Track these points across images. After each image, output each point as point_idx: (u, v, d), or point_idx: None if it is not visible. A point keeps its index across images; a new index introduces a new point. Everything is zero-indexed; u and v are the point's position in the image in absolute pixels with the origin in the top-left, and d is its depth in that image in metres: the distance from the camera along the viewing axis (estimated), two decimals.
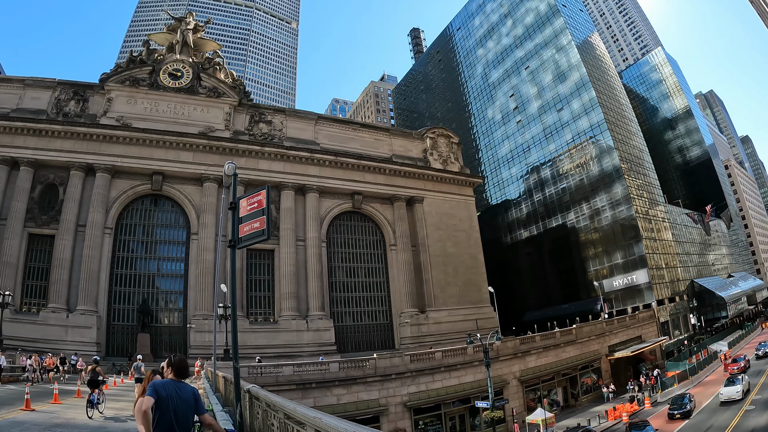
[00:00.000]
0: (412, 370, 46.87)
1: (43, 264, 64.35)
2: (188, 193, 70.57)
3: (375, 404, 44.11)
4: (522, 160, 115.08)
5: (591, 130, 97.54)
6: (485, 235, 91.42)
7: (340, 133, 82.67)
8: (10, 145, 65.11)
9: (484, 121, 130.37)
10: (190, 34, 79.18)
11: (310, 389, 42.53)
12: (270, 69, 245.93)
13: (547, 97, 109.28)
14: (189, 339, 63.43)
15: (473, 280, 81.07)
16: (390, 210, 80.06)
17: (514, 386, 52.84)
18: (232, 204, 13.01)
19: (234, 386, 12.88)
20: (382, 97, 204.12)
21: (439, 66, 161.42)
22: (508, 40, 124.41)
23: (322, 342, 67.50)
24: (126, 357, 60.01)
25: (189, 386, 7.79)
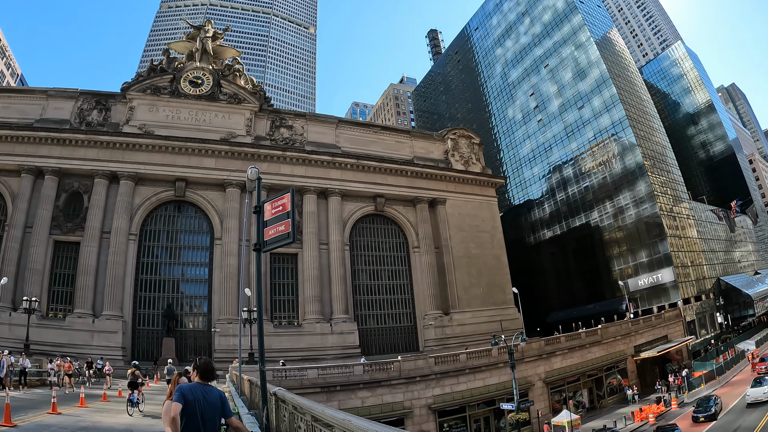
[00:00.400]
0: (436, 373, 46.73)
1: (68, 270, 65.61)
2: (211, 198, 71.31)
3: (399, 407, 44.07)
4: (544, 159, 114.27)
5: (613, 128, 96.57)
6: (508, 235, 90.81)
7: (361, 136, 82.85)
8: (35, 154, 66.62)
9: (504, 121, 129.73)
10: (210, 41, 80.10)
11: (335, 392, 42.60)
12: (289, 74, 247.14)
13: (568, 95, 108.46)
14: (214, 343, 64.13)
15: (497, 281, 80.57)
16: (412, 212, 79.88)
17: (539, 388, 52.46)
18: (256, 208, 13.07)
19: (260, 389, 12.89)
20: (401, 99, 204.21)
21: (458, 67, 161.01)
22: (527, 38, 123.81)
23: (346, 345, 67.59)
24: (151, 361, 60.91)
25: (216, 389, 7.85)
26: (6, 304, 59.86)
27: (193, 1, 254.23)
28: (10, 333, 56.51)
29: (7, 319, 58.57)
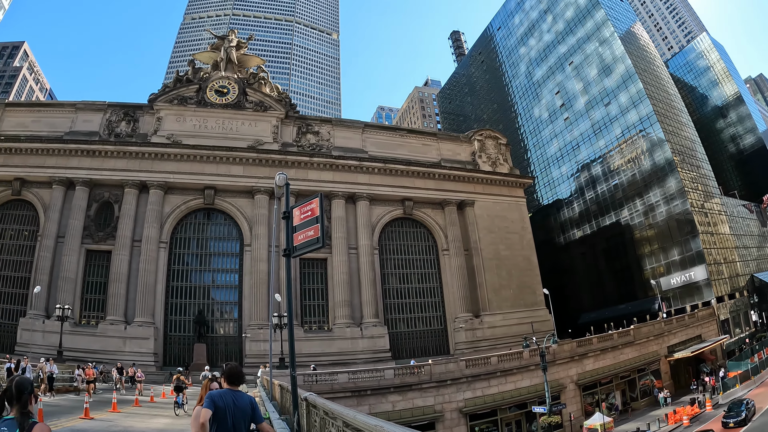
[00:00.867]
0: (467, 376, 46.55)
1: (100, 278, 67.15)
2: (240, 205, 72.00)
3: (430, 410, 43.95)
4: (571, 157, 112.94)
5: (640, 123, 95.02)
6: (538, 236, 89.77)
7: (387, 140, 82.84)
8: (66, 166, 68.37)
9: (531, 121, 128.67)
10: (234, 51, 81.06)
11: (366, 396, 42.68)
12: (314, 81, 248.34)
13: (594, 92, 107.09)
14: (244, 348, 64.89)
15: (527, 282, 79.66)
16: (441, 215, 79.42)
17: (571, 390, 51.88)
18: (285, 213, 13.06)
19: (291, 394, 12.86)
20: (427, 102, 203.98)
21: (481, 67, 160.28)
22: (550, 36, 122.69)
23: (377, 349, 67.53)
24: (183, 366, 61.06)
25: (246, 395, 7.87)
26: (40, 312, 61.62)
27: (216, 13, 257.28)
28: (43, 340, 58.20)
29: (40, 327, 60.25)
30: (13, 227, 69.95)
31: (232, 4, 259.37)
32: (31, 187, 68.99)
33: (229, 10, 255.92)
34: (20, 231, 69.86)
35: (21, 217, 70.29)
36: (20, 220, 70.27)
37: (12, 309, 65.40)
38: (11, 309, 65.45)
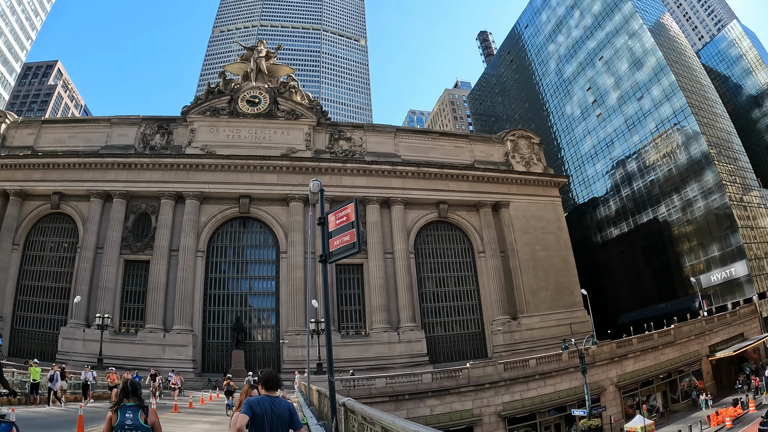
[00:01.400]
0: (505, 379, 46.06)
1: (139, 287, 68.86)
2: (275, 213, 72.81)
3: (468, 415, 43.57)
4: (606, 154, 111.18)
5: (674, 117, 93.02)
6: (574, 235, 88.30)
7: (419, 143, 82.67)
8: (103, 179, 70.25)
9: (563, 118, 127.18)
10: (263, 61, 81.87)
11: (403, 401, 42.53)
12: (344, 87, 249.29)
13: (626, 86, 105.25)
14: (282, 354, 65.55)
15: (565, 283, 78.42)
16: (476, 217, 78.80)
17: (611, 392, 50.97)
18: (320, 219, 13.07)
19: (329, 400, 12.88)
20: (457, 104, 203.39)
21: (511, 67, 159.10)
22: (578, 32, 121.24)
23: (414, 353, 67.35)
24: (221, 373, 62.47)
25: (284, 401, 7.88)
26: (80, 321, 63.43)
27: (244, 25, 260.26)
28: (84, 348, 59.78)
29: (81, 336, 61.93)
30: (53, 240, 72.10)
31: (259, 15, 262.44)
32: (69, 201, 71.02)
33: (257, 22, 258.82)
34: (60, 243, 71.96)
35: (60, 230, 72.47)
36: (60, 232, 72.44)
37: (53, 318, 67.40)
38: (52, 318, 67.43)
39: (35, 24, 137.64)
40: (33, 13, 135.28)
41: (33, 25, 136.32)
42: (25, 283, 69.59)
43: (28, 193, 70.92)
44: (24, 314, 68.47)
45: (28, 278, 69.90)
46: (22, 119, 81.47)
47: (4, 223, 68.91)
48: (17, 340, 66.56)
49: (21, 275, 69.66)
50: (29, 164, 71.38)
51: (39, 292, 69.34)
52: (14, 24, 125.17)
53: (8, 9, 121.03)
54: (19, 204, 70.34)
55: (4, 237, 68.42)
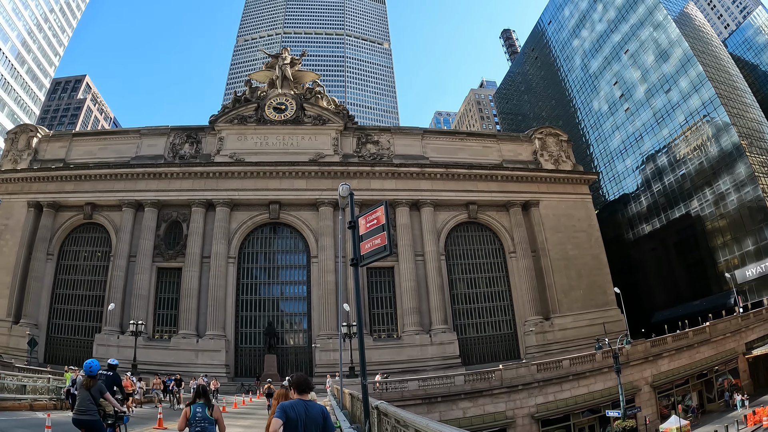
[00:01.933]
0: (539, 380, 45.62)
1: (171, 294, 70.23)
2: (305, 218, 73.46)
3: (501, 417, 43.27)
4: (635, 149, 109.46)
5: (704, 108, 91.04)
6: (606, 233, 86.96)
7: (447, 144, 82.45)
8: (134, 189, 71.80)
9: (590, 114, 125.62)
10: (288, 68, 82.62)
11: (436, 403, 42.43)
12: (369, 91, 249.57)
13: (653, 79, 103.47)
14: (314, 358, 66.18)
15: (597, 281, 77.06)
16: (506, 217, 78.11)
17: (646, 393, 50.05)
18: (350, 223, 13.15)
19: (362, 403, 12.95)
20: (484, 103, 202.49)
21: (536, 64, 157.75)
22: (602, 25, 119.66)
23: (447, 355, 67.15)
24: (254, 377, 64.03)
25: (318, 405, 7.95)
26: (114, 327, 65.08)
27: (267, 33, 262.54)
28: (118, 354, 60.07)
29: (115, 342, 63.47)
30: (87, 249, 73.99)
31: (282, 23, 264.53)
32: (101, 211, 72.70)
33: (280, 29, 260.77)
34: (93, 252, 73.71)
35: (94, 239, 74.22)
36: (93, 242, 74.25)
37: (87, 326, 69.19)
38: (87, 326, 69.23)
39: (62, 40, 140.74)
40: (60, 29, 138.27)
41: (60, 41, 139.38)
42: (60, 291, 71.65)
43: (61, 204, 72.81)
44: (59, 322, 70.51)
45: (63, 287, 71.95)
46: (53, 133, 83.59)
47: (39, 234, 71.05)
48: (53, 347, 68.66)
49: (56, 284, 71.77)
50: (62, 176, 73.36)
51: (73, 301, 71.27)
52: (42, 41, 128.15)
53: (35, 27, 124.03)
54: (52, 215, 72.37)
55: (39, 247, 70.50)
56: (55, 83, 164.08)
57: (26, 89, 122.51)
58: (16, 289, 68.37)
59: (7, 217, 71.44)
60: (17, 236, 70.82)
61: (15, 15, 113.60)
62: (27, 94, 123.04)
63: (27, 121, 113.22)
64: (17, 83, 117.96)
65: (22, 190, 73.49)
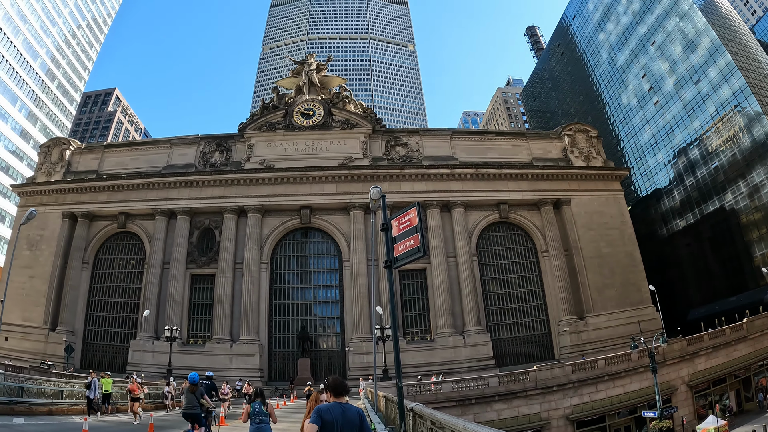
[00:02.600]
0: (573, 381, 45.24)
1: (205, 300, 71.40)
2: (336, 222, 73.94)
3: (536, 418, 43.01)
4: (666, 143, 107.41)
5: (734, 98, 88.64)
6: (639, 230, 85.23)
7: (476, 144, 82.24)
8: (166, 197, 73.08)
9: (619, 109, 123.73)
10: (314, 74, 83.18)
11: (470, 405, 42.41)
12: (396, 93, 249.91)
13: (681, 70, 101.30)
14: (348, 361, 66.59)
15: (631, 279, 75.73)
16: (537, 216, 77.39)
17: (682, 392, 49.21)
18: (383, 225, 13.17)
19: (398, 405, 12.95)
20: (511, 102, 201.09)
21: (562, 60, 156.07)
22: (627, 18, 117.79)
23: (480, 357, 66.80)
24: (288, 381, 64.66)
25: (354, 407, 7.90)
26: (149, 333, 66.49)
27: (292, 40, 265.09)
28: (153, 360, 62.82)
29: (150, 348, 65.09)
30: (121, 257, 75.82)
31: (306, 29, 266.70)
32: (135, 220, 74.24)
33: (305, 36, 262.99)
34: (128, 260, 75.48)
35: (128, 248, 75.97)
36: (127, 250, 76.02)
37: (122, 332, 70.98)
38: (122, 332, 71.05)
39: (91, 55, 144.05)
40: (87, 44, 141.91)
41: (89, 56, 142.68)
42: (96, 299, 73.65)
43: (95, 214, 74.60)
44: (95, 329, 72.52)
45: (98, 295, 73.92)
46: (86, 145, 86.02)
47: (74, 244, 73.02)
48: (89, 353, 70.69)
49: (91, 292, 73.80)
50: (95, 187, 75.17)
51: (109, 308, 73.12)
52: (71, 56, 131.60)
53: (64, 43, 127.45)
54: (87, 225, 74.35)
55: (74, 256, 72.54)
56: (85, 97, 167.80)
57: (57, 104, 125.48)
58: (52, 298, 70.56)
59: (42, 228, 73.15)
60: (52, 246, 72.92)
61: (43, 32, 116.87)
62: (58, 109, 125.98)
63: (59, 134, 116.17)
64: (48, 98, 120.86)
65: (56, 202, 75.50)
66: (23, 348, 66.43)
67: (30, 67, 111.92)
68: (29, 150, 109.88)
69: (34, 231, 72.16)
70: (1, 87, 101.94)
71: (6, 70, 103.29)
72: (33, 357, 63.73)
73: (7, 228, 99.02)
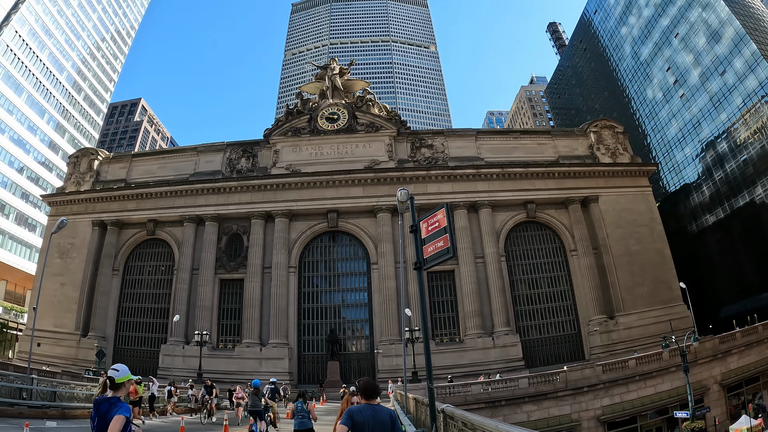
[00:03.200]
0: (604, 381, 44.82)
1: (234, 305, 72.23)
2: (363, 225, 74.21)
3: (567, 420, 42.70)
4: (694, 137, 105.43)
5: (761, 89, 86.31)
6: (668, 226, 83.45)
7: (501, 144, 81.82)
8: (194, 204, 74.16)
9: (645, 104, 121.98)
10: (337, 78, 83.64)
11: (500, 407, 42.30)
12: (419, 95, 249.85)
13: (706, 62, 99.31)
14: (377, 364, 66.75)
15: (661, 277, 74.24)
16: (565, 214, 76.61)
17: (715, 392, 48.38)
18: (412, 227, 13.15)
19: (429, 407, 12.98)
20: (535, 100, 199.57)
21: (585, 56, 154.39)
22: (649, 10, 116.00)
23: (510, 358, 66.36)
24: (317, 384, 65.07)
25: (385, 408, 7.97)
26: (179, 338, 67.70)
27: (314, 45, 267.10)
28: (183, 364, 63.72)
29: (180, 352, 66.21)
30: (151, 263, 77.14)
31: (328, 34, 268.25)
32: (164, 227, 75.46)
33: (326, 41, 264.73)
34: (157, 266, 76.80)
35: (157, 254, 77.19)
36: (156, 256, 77.25)
37: (153, 337, 72.34)
38: (152, 337, 72.42)
39: (116, 66, 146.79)
40: (112, 56, 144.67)
41: (114, 67, 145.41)
42: (126, 305, 75.16)
43: (125, 222, 76.08)
44: (125, 334, 74.03)
45: (129, 300, 75.42)
46: (114, 155, 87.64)
47: (104, 251, 74.55)
48: (120, 358, 71.08)
49: (122, 298, 75.37)
50: (124, 195, 76.64)
51: (139, 313, 74.55)
52: (96, 69, 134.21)
53: (89, 56, 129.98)
54: (116, 233, 75.83)
55: (105, 264, 74.06)
56: (111, 108, 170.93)
57: (85, 115, 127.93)
58: (84, 304, 72.20)
59: (72, 237, 74.68)
60: (83, 254, 74.59)
61: (68, 46, 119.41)
62: (86, 120, 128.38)
63: (87, 145, 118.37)
64: (76, 110, 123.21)
65: (86, 211, 77.08)
66: (55, 353, 68.09)
67: (56, 81, 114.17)
68: (58, 161, 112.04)
69: (64, 239, 73.64)
70: (29, 100, 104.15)
71: (33, 84, 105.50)
72: (65, 362, 65.69)
73: (37, 237, 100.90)
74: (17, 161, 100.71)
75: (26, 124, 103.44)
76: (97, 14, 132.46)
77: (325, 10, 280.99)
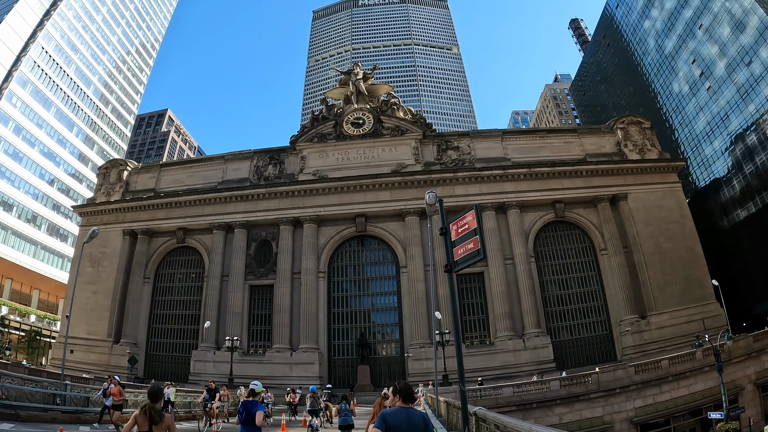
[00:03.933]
0: (636, 382, 44.35)
1: (264, 310, 73.04)
2: (391, 229, 74.33)
3: (599, 422, 42.36)
4: (722, 130, 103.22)
5: None
6: (699, 222, 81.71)
7: (527, 143, 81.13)
8: (222, 212, 75.14)
9: (671, 98, 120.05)
10: (361, 83, 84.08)
11: (531, 409, 42.18)
12: (443, 97, 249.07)
13: (731, 52, 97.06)
14: (407, 367, 66.50)
15: (693, 275, 72.58)
16: (594, 213, 75.64)
17: (749, 392, 47.34)
18: (442, 230, 13.27)
19: (461, 409, 13.11)
20: (560, 98, 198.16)
21: (608, 51, 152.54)
22: (671, 2, 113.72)
23: (541, 360, 65.69)
24: (347, 388, 64.45)
25: (419, 412, 8.03)
26: (210, 344, 68.64)
27: (337, 51, 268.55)
28: (214, 369, 64.53)
29: (211, 358, 67.17)
30: (182, 271, 78.33)
31: (350, 40, 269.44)
32: (193, 235, 76.55)
33: (349, 46, 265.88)
34: (188, 274, 77.92)
35: (187, 262, 78.35)
36: (187, 264, 78.37)
37: (183, 343, 73.51)
38: (183, 343, 73.58)
39: (141, 79, 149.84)
40: (138, 69, 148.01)
41: (140, 80, 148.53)
42: (157, 312, 76.61)
43: (155, 230, 77.41)
44: (156, 340, 75.37)
45: (159, 307, 76.87)
46: (142, 165, 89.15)
47: (135, 260, 75.99)
48: (151, 364, 73.43)
49: (153, 305, 76.83)
50: (153, 205, 78.04)
51: (170, 320, 75.88)
52: (122, 82, 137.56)
53: (115, 69, 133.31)
54: (147, 241, 77.20)
55: (136, 272, 75.47)
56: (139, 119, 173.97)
57: (113, 127, 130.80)
58: (116, 312, 73.60)
59: (104, 246, 75.97)
60: (114, 263, 76.07)
61: (94, 60, 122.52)
62: (114, 132, 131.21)
63: (116, 156, 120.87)
64: (104, 122, 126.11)
65: (116, 220, 78.59)
66: (88, 360, 69.45)
67: (84, 94, 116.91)
68: (88, 172, 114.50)
69: (96, 249, 74.94)
70: (58, 114, 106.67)
71: (61, 98, 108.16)
72: (97, 368, 66.68)
73: (69, 247, 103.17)
74: (48, 173, 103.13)
75: (55, 137, 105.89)
76: (121, 28, 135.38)
77: (347, 16, 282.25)
